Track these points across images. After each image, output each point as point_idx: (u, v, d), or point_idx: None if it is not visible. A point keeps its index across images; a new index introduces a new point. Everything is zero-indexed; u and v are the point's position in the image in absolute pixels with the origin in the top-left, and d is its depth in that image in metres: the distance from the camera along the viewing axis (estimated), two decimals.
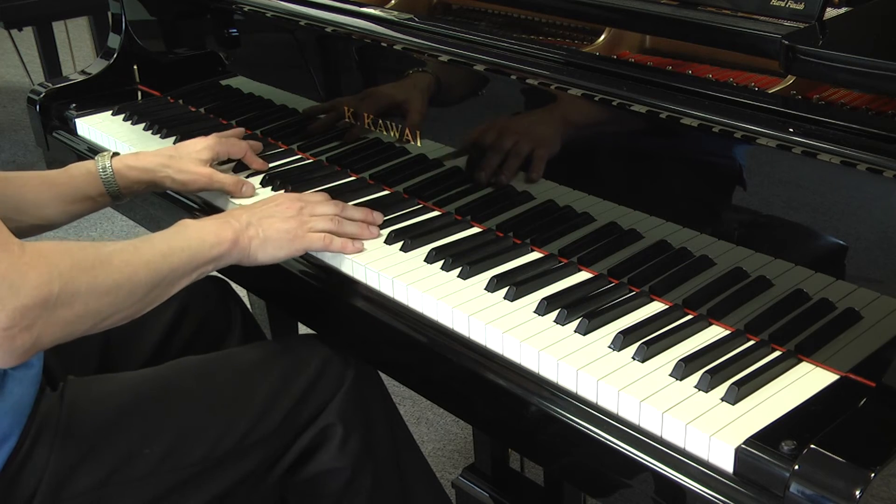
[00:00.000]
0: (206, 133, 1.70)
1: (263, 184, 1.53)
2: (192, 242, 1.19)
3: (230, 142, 1.55)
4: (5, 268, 0.99)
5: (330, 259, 1.32)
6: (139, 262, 1.13)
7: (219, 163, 1.54)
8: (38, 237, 1.28)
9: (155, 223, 1.68)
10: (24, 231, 1.35)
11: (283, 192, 1.47)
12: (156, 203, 1.64)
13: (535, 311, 1.14)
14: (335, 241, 1.30)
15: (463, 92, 1.38)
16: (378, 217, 1.37)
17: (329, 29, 1.53)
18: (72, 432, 1.15)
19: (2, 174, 1.37)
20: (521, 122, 1.31)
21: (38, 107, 1.92)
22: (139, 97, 2.01)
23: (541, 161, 1.28)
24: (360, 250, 1.31)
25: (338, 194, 1.44)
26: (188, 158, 1.48)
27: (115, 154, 1.48)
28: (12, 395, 1.13)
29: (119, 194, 1.46)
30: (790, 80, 1.13)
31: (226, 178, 1.48)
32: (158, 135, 1.76)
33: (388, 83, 1.49)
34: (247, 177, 1.55)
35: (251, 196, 1.49)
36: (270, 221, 1.27)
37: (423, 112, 1.42)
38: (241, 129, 1.66)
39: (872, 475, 0.82)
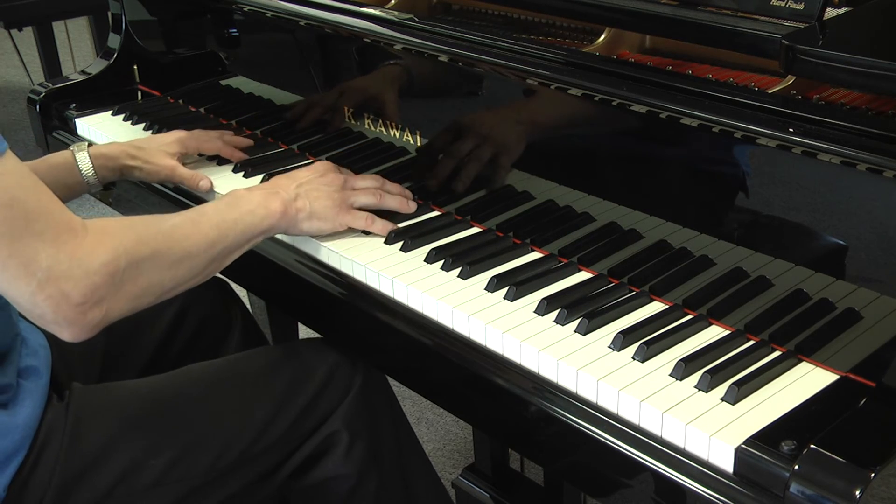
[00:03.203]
0: None
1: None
2: (244, 216, 1.22)
3: (201, 137, 1.58)
4: (73, 247, 1.01)
5: (330, 259, 1.32)
6: (198, 235, 1.16)
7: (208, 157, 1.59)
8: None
9: None
10: None
11: (323, 160, 1.47)
12: (155, 203, 1.64)
13: (535, 311, 1.14)
14: (377, 222, 1.33)
15: (463, 92, 1.38)
16: (409, 194, 1.40)
17: (329, 29, 1.53)
18: (77, 443, 1.15)
19: None
20: (520, 120, 1.31)
21: (38, 107, 1.92)
22: (139, 97, 2.01)
23: (537, 157, 1.28)
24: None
25: None
26: (156, 150, 1.52)
27: (91, 144, 1.51)
28: (25, 409, 1.13)
29: (94, 181, 1.49)
30: (790, 80, 1.13)
31: (185, 172, 1.51)
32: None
33: (389, 83, 1.49)
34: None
35: (208, 190, 1.52)
36: (317, 195, 1.30)
37: (425, 112, 1.42)
38: (222, 132, 1.67)
39: (872, 475, 0.82)
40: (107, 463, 1.15)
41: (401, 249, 1.30)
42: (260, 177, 1.55)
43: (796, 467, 0.85)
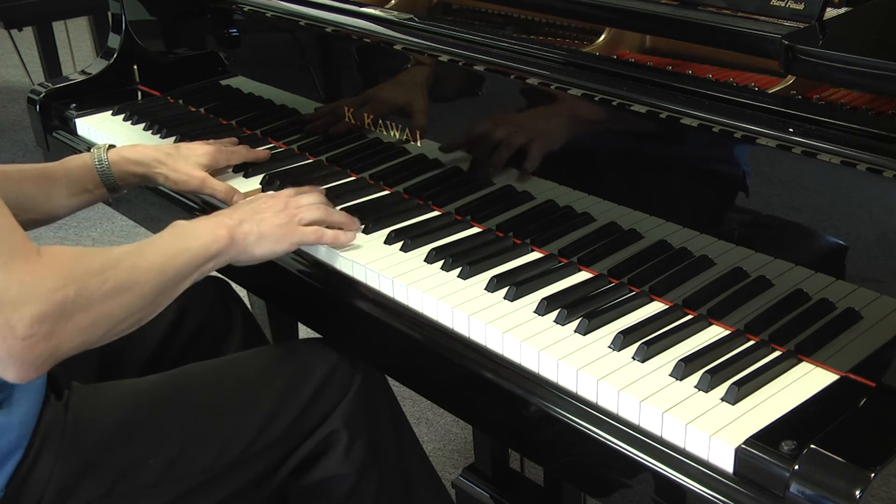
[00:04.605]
0: (205, 134, 1.71)
1: (264, 185, 1.53)
2: (190, 243, 1.19)
3: (230, 150, 1.56)
4: (24, 274, 0.98)
5: (329, 259, 1.32)
6: (146, 265, 1.13)
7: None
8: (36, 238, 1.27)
9: (155, 223, 1.68)
10: (24, 226, 1.35)
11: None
12: (155, 203, 1.64)
13: (535, 311, 1.14)
14: (326, 233, 1.30)
15: (463, 92, 1.38)
16: (355, 220, 1.36)
17: (329, 29, 1.53)
18: (76, 442, 1.14)
19: (1, 168, 1.36)
20: (520, 121, 1.31)
21: (38, 107, 1.92)
22: (139, 97, 2.01)
23: (537, 157, 1.28)
24: (352, 241, 1.32)
25: (338, 194, 1.44)
26: (186, 160, 1.48)
27: (112, 146, 1.48)
28: (21, 407, 1.12)
29: (115, 186, 1.46)
30: (790, 80, 1.13)
31: (218, 185, 1.47)
32: (158, 135, 1.76)
33: (389, 83, 1.49)
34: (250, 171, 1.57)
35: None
36: (262, 216, 1.27)
37: (425, 112, 1.42)
38: (235, 139, 1.66)
39: (872, 475, 0.82)
40: (106, 462, 1.15)
41: (401, 249, 1.30)
42: (259, 177, 1.55)
43: (796, 467, 0.85)
